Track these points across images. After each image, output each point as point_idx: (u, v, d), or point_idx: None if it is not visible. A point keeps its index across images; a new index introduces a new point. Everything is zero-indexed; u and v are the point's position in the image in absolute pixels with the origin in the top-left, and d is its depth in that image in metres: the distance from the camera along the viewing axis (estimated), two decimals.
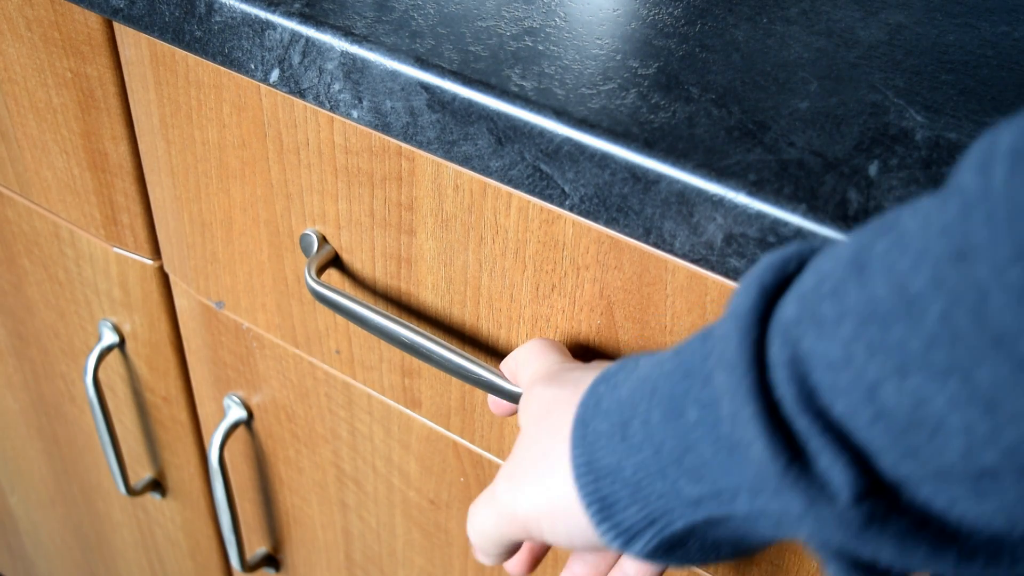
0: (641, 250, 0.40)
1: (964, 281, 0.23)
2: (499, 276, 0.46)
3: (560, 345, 0.44)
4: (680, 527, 0.32)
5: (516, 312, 0.47)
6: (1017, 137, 0.22)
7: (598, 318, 0.44)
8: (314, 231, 0.52)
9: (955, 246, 0.23)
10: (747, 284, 0.30)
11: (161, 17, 0.48)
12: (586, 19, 0.45)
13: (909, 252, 0.24)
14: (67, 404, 0.85)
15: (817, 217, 0.35)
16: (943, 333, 0.23)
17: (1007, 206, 0.22)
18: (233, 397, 0.67)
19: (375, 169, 0.47)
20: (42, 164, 0.66)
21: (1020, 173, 0.22)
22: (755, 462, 0.28)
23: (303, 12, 0.44)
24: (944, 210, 0.24)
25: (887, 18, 0.47)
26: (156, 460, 0.81)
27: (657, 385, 0.32)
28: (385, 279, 0.51)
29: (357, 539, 0.68)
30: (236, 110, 0.51)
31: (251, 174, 0.53)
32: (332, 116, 0.47)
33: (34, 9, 0.58)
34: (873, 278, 0.25)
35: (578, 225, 0.42)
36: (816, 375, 0.27)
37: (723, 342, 0.29)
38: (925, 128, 0.39)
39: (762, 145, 0.37)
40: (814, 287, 0.27)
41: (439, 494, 0.59)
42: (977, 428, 0.23)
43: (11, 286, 0.80)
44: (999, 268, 0.22)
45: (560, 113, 0.39)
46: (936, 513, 0.26)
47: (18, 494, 1.02)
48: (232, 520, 0.71)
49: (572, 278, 0.44)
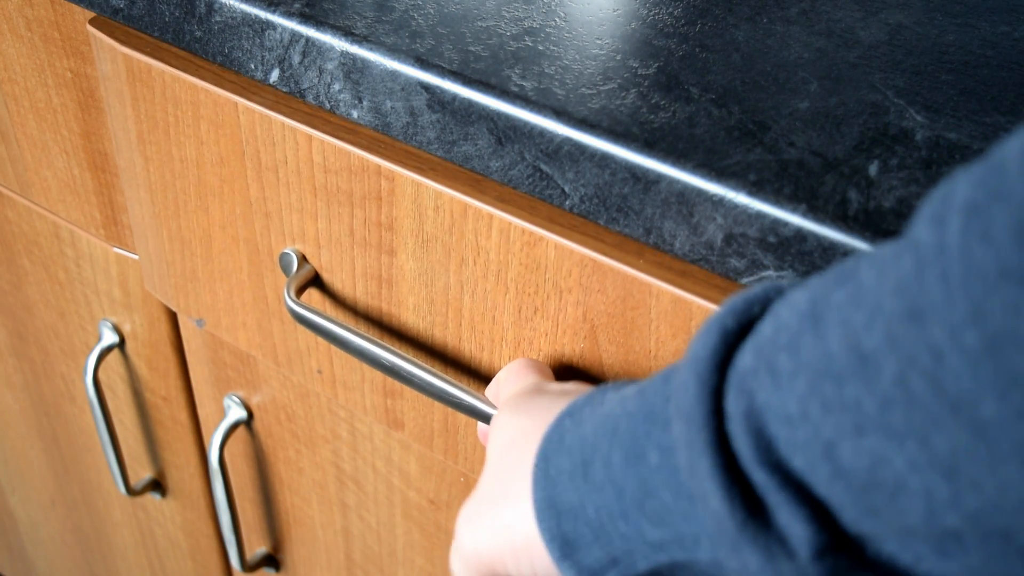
0: (624, 274, 0.40)
1: (919, 342, 0.22)
2: (481, 298, 0.45)
3: (541, 365, 0.43)
4: (644, 569, 0.31)
5: (498, 334, 0.46)
6: (972, 189, 0.21)
7: (581, 342, 0.43)
8: (294, 250, 0.51)
9: (909, 304, 0.22)
10: (708, 328, 0.29)
11: (161, 17, 0.48)
12: (586, 19, 0.45)
13: (864, 307, 0.23)
14: (67, 404, 0.85)
15: (817, 217, 0.35)
16: (898, 395, 0.23)
17: (962, 265, 0.21)
18: (233, 397, 0.67)
19: (354, 188, 0.46)
20: (42, 164, 0.66)
21: (975, 229, 0.21)
22: (713, 515, 0.27)
23: (303, 12, 0.44)
24: (899, 265, 0.23)
25: (887, 18, 0.47)
26: (156, 460, 0.81)
27: (619, 425, 0.31)
28: (366, 299, 0.50)
29: (357, 539, 0.68)
30: (214, 127, 0.50)
31: (230, 192, 0.52)
32: (311, 134, 0.46)
33: (34, 9, 0.58)
34: (828, 332, 0.24)
35: (560, 248, 0.41)
36: (773, 428, 0.26)
37: (681, 390, 0.28)
38: (925, 128, 0.39)
39: (762, 145, 0.37)
40: (771, 337, 0.26)
41: (439, 494, 0.59)
42: (937, 492, 0.23)
43: (11, 286, 0.80)
44: (955, 330, 0.21)
45: (560, 113, 0.39)
46: (902, 568, 0.25)
47: (18, 494, 1.02)
48: (232, 520, 0.71)
49: (555, 301, 0.43)
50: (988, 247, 0.20)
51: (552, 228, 0.41)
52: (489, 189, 0.43)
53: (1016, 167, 0.20)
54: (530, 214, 0.42)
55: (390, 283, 0.49)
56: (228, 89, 0.48)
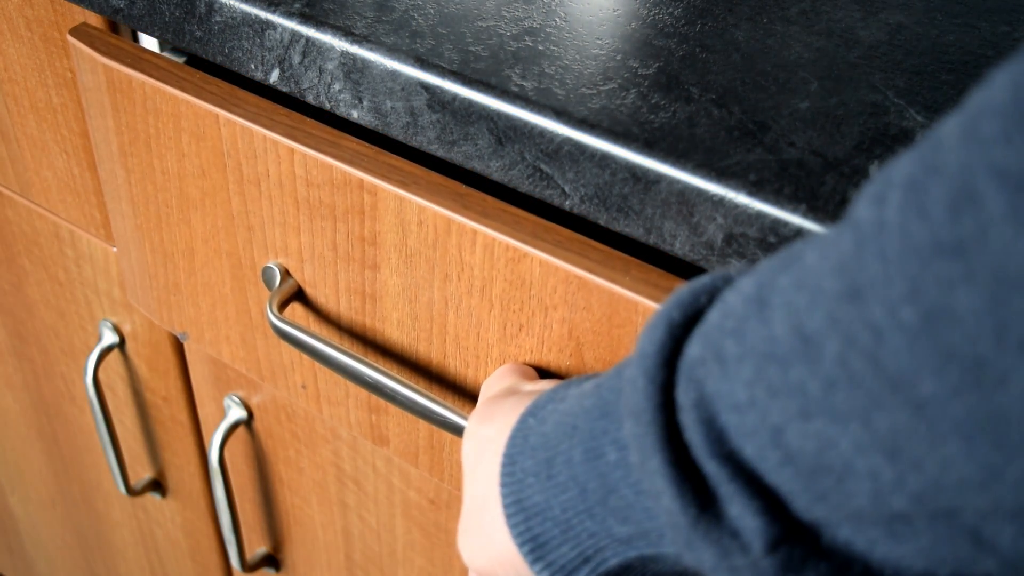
0: (610, 291, 0.39)
1: (858, 321, 0.21)
2: (465, 314, 0.45)
3: (524, 369, 0.42)
4: (615, 564, 0.31)
5: (483, 351, 0.45)
6: (913, 165, 0.21)
7: (567, 359, 0.43)
8: (277, 264, 0.51)
9: (849, 283, 0.22)
10: (655, 322, 0.29)
11: (161, 17, 0.48)
12: (586, 19, 0.45)
13: (806, 289, 0.23)
14: (67, 404, 0.85)
15: (817, 217, 0.35)
16: (840, 376, 0.22)
17: (900, 241, 0.21)
18: (233, 397, 0.67)
19: (337, 202, 0.46)
20: (42, 164, 0.66)
21: (914, 205, 0.20)
22: (666, 512, 0.27)
23: (303, 12, 0.44)
24: (839, 245, 0.23)
25: (887, 18, 0.47)
26: (156, 460, 0.81)
27: (578, 422, 0.31)
28: (350, 314, 0.50)
29: (357, 539, 0.68)
30: (195, 139, 0.49)
31: (212, 205, 0.51)
32: (292, 147, 0.46)
33: (34, 9, 0.58)
34: (772, 316, 0.24)
35: (545, 264, 0.41)
36: (723, 417, 0.26)
37: (630, 387, 0.28)
38: (925, 128, 0.39)
39: (762, 145, 0.37)
40: (718, 324, 0.26)
41: (439, 494, 0.59)
42: (882, 474, 0.23)
43: (11, 286, 0.80)
44: (892, 307, 0.21)
45: (560, 113, 0.39)
46: (858, 555, 0.25)
47: (18, 494, 1.02)
48: (232, 520, 0.71)
49: (540, 318, 0.42)
50: (924, 222, 0.20)
51: (537, 244, 0.41)
52: (473, 204, 0.43)
53: (952, 141, 0.20)
54: (515, 229, 0.41)
55: (374, 298, 0.48)
56: (209, 100, 0.48)
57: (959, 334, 0.20)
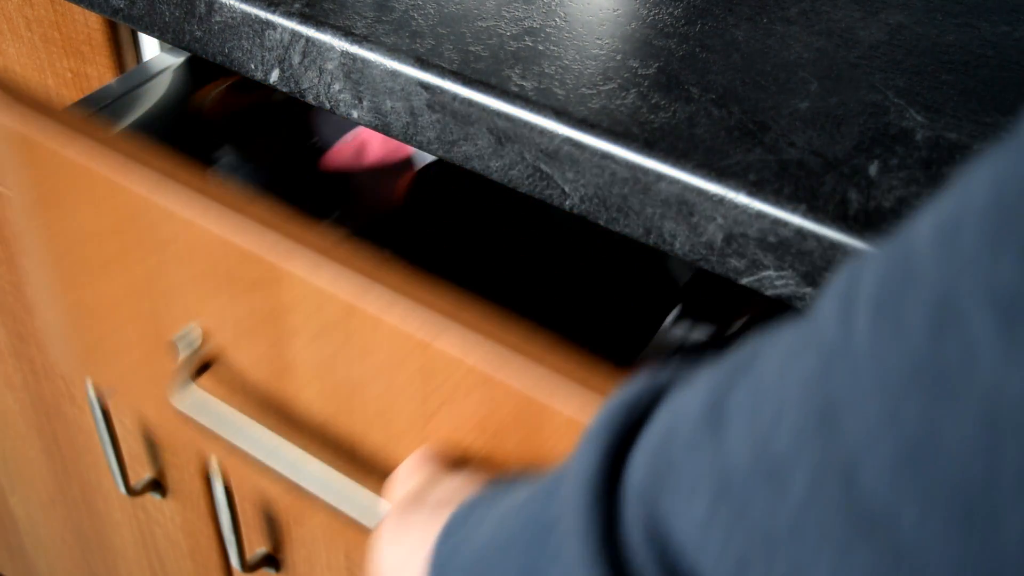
0: (526, 376, 0.36)
1: (830, 448, 0.19)
2: (384, 390, 0.42)
3: (435, 458, 0.40)
4: None
5: (399, 429, 0.43)
6: (880, 282, 0.19)
7: (487, 440, 0.40)
8: (191, 330, 0.47)
9: (817, 405, 0.20)
10: (587, 446, 0.26)
11: (161, 17, 0.48)
12: (586, 19, 0.45)
13: (765, 410, 0.21)
14: (67, 404, 0.85)
15: (817, 217, 0.35)
16: (809, 510, 0.20)
17: (874, 365, 0.19)
18: None
19: (244, 274, 0.43)
20: None
21: (888, 322, 0.19)
22: None
23: (303, 12, 0.44)
24: (803, 360, 0.21)
25: (887, 18, 0.47)
26: (156, 460, 0.81)
27: (511, 542, 0.29)
28: (264, 385, 0.47)
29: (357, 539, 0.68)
30: (108, 195, 0.46)
31: (129, 263, 0.48)
32: (191, 220, 0.42)
33: (34, 9, 0.58)
34: (728, 437, 0.22)
35: (461, 345, 0.37)
36: (676, 552, 0.23)
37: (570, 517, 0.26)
38: (925, 128, 0.39)
39: (762, 145, 0.37)
40: (663, 444, 0.24)
41: None
42: None
43: (11, 286, 0.80)
44: (871, 437, 0.19)
45: (560, 113, 0.39)
46: None
47: (18, 494, 1.02)
48: (232, 520, 0.71)
49: (459, 398, 0.39)
50: (900, 343, 0.18)
51: (453, 324, 0.38)
52: (386, 279, 0.39)
53: (928, 249, 0.18)
54: (429, 308, 0.38)
55: (286, 371, 0.45)
56: (113, 162, 0.44)
57: (945, 469, 0.18)
